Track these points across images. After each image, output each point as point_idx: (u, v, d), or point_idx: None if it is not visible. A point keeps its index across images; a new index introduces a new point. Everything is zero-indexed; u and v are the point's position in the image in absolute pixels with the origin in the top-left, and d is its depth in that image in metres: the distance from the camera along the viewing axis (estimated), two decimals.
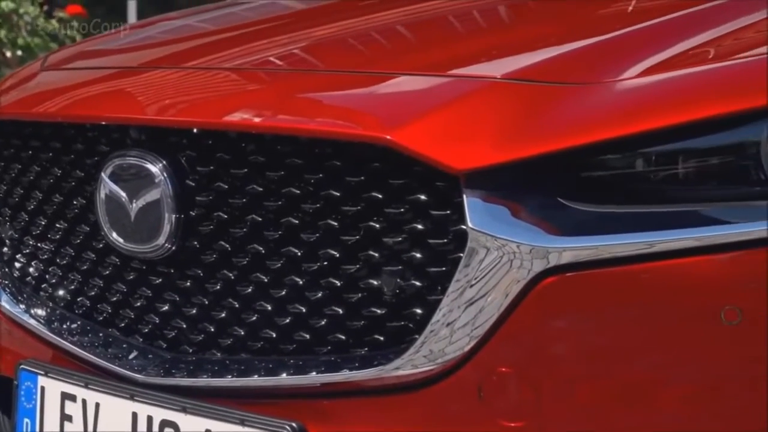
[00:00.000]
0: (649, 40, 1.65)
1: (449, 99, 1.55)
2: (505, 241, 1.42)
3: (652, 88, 1.49)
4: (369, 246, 1.54)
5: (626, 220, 1.43)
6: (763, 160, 1.40)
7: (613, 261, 1.41)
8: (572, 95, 1.49)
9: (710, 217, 1.41)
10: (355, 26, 2.18)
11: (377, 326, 1.55)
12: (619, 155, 1.44)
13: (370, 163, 1.53)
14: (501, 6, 2.21)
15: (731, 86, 1.46)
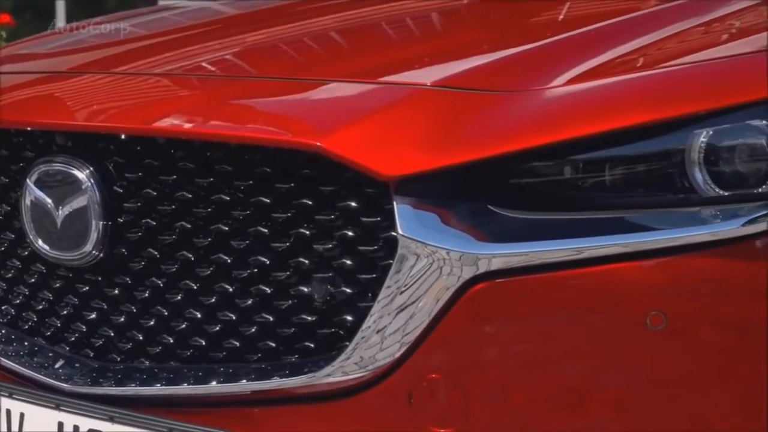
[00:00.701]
0: (577, 48, 1.67)
1: (379, 106, 1.55)
2: (435, 248, 1.43)
3: (580, 96, 1.51)
4: (299, 253, 1.53)
5: (555, 227, 1.44)
6: (688, 167, 1.42)
7: (542, 267, 1.42)
8: (501, 103, 1.50)
9: (637, 224, 1.43)
10: (287, 32, 2.17)
11: (308, 333, 1.54)
12: (548, 162, 1.46)
13: (301, 169, 1.52)
14: (434, 13, 2.22)
15: (656, 94, 1.48)
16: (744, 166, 1.42)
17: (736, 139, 1.42)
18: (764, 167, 1.41)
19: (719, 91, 1.46)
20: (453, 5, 2.33)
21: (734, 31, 1.72)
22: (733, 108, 1.42)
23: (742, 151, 1.42)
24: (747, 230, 1.39)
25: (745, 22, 1.75)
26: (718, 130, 1.42)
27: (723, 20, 1.75)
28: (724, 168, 1.42)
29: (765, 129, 1.41)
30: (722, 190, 1.41)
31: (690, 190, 1.42)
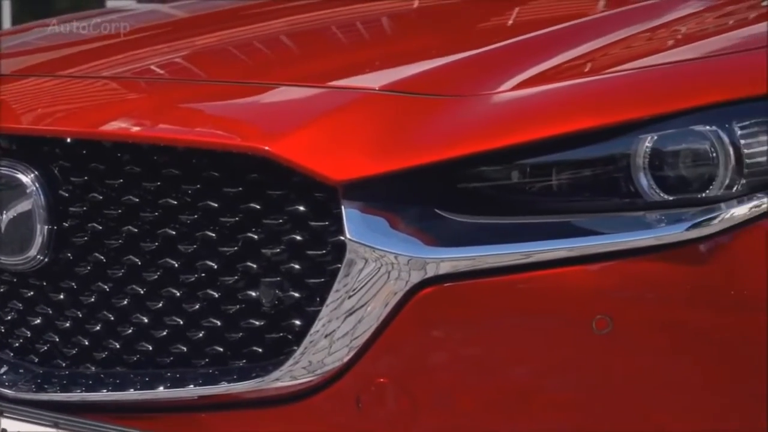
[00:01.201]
0: (525, 53, 1.68)
1: (328, 110, 1.55)
2: (384, 252, 1.43)
3: (527, 100, 1.52)
4: (247, 257, 1.53)
5: (503, 231, 1.45)
6: (633, 172, 1.44)
7: (490, 271, 1.43)
8: (449, 107, 1.51)
9: (583, 228, 1.44)
10: (238, 36, 2.16)
11: (256, 338, 1.54)
12: (495, 167, 1.47)
13: (249, 173, 1.52)
14: (384, 17, 2.23)
15: (602, 99, 1.50)
16: (688, 170, 1.43)
17: (680, 144, 1.43)
18: (708, 172, 1.43)
19: (664, 96, 1.48)
20: (403, 9, 2.33)
21: (679, 37, 1.74)
22: (677, 113, 1.44)
23: (686, 156, 1.43)
24: (691, 234, 1.40)
25: (690, 28, 1.78)
26: (662, 135, 1.43)
27: (668, 26, 1.77)
28: (668, 173, 1.43)
29: (708, 134, 1.43)
30: (667, 195, 1.43)
31: (635, 194, 1.44)
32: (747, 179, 1.43)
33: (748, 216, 1.41)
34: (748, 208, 1.42)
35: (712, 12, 1.82)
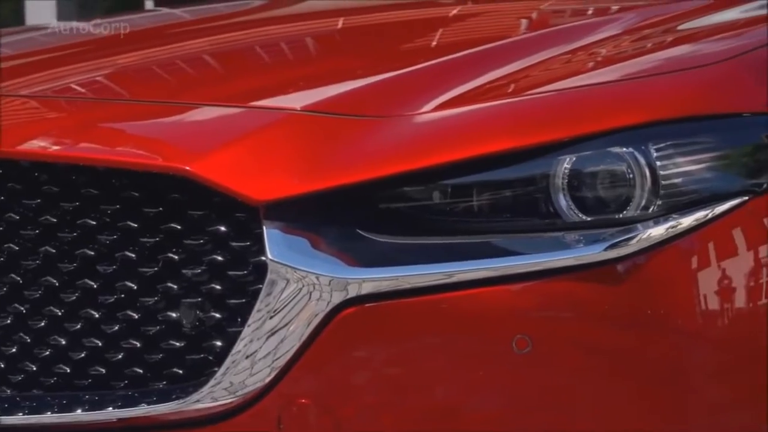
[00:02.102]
0: (447, 74, 1.69)
1: (249, 130, 1.55)
2: (305, 273, 1.43)
3: (448, 122, 1.53)
4: (167, 278, 1.51)
5: (425, 251, 1.46)
6: (552, 193, 1.45)
7: (412, 291, 1.44)
8: (371, 128, 1.52)
9: (504, 248, 1.46)
10: (161, 55, 2.15)
11: (176, 359, 1.52)
12: (417, 187, 1.47)
13: (170, 193, 1.51)
14: (308, 38, 2.23)
15: (522, 121, 1.52)
16: (606, 191, 1.46)
17: (598, 165, 1.46)
18: (625, 193, 1.45)
19: (582, 118, 1.50)
20: (328, 30, 2.34)
21: (598, 60, 1.77)
22: (595, 135, 1.46)
23: (603, 177, 1.46)
24: (609, 254, 1.42)
25: (609, 50, 1.80)
26: (581, 156, 1.46)
27: (587, 49, 1.79)
28: (586, 193, 1.45)
29: (625, 156, 1.45)
30: (585, 215, 1.45)
31: (555, 215, 1.46)
32: (663, 200, 1.45)
33: (665, 236, 1.44)
34: (664, 229, 1.44)
35: (630, 35, 1.85)
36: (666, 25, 1.89)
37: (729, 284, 1.46)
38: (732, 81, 1.55)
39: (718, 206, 1.46)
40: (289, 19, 2.53)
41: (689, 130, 1.48)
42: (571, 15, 2.31)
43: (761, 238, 1.49)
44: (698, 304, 1.45)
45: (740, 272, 1.47)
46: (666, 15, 1.96)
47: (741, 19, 1.90)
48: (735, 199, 1.47)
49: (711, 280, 1.46)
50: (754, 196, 1.48)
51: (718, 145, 1.48)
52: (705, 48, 1.72)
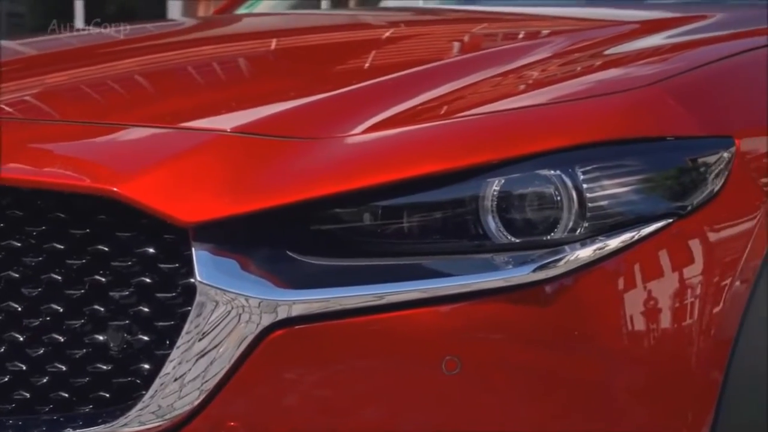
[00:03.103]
0: (379, 96, 1.70)
1: (178, 152, 1.54)
2: (235, 295, 1.42)
3: (379, 143, 1.54)
4: (94, 300, 1.50)
5: (356, 273, 1.46)
6: (481, 215, 1.46)
7: (343, 313, 1.44)
8: (302, 149, 1.52)
9: (434, 270, 1.46)
10: (90, 74, 2.13)
11: (103, 383, 1.50)
12: (347, 209, 1.47)
13: (97, 215, 1.49)
14: (242, 58, 2.23)
15: (452, 143, 1.53)
16: (534, 213, 1.47)
17: (526, 187, 1.47)
18: (553, 215, 1.47)
19: (511, 140, 1.51)
20: (261, 51, 2.34)
21: (528, 83, 1.78)
22: (523, 158, 1.48)
23: (531, 199, 1.47)
24: (537, 276, 1.44)
25: (538, 74, 1.82)
26: (509, 179, 1.47)
27: (518, 72, 1.81)
28: (515, 215, 1.47)
29: (553, 178, 1.47)
30: (514, 237, 1.46)
31: (484, 236, 1.46)
32: (590, 222, 1.47)
33: (592, 258, 1.46)
34: (591, 250, 1.46)
35: (559, 59, 1.88)
36: (594, 49, 1.92)
37: (655, 305, 1.48)
38: (657, 105, 1.58)
39: (644, 228, 1.48)
40: (221, 40, 2.52)
41: (615, 153, 1.50)
42: (503, 38, 2.34)
43: (686, 260, 1.51)
44: (625, 325, 1.47)
45: (666, 293, 1.49)
46: (594, 39, 1.99)
47: (666, 45, 1.93)
48: (660, 221, 1.49)
49: (637, 301, 1.47)
50: (679, 219, 1.50)
51: (644, 168, 1.51)
52: (631, 72, 1.75)
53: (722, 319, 1.51)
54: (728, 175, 1.54)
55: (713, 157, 1.55)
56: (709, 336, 1.50)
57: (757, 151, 1.61)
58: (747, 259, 1.54)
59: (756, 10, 2.39)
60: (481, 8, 2.90)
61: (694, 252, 1.52)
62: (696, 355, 1.50)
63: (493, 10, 2.85)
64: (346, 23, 2.77)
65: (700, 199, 1.52)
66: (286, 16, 3.00)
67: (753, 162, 1.59)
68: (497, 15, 2.67)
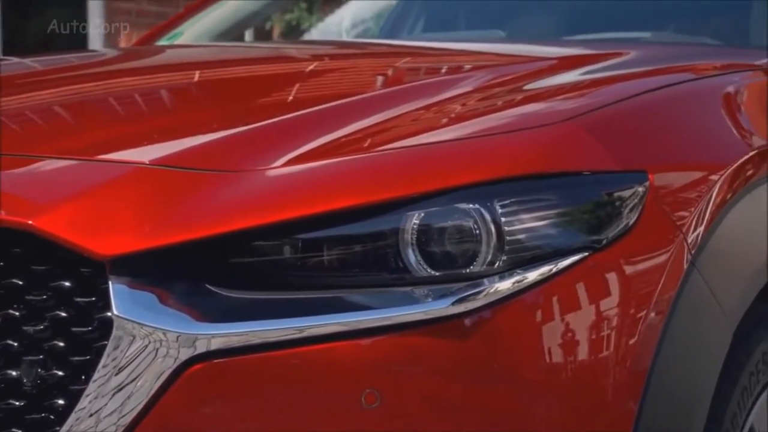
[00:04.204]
0: (301, 128, 1.70)
1: (96, 184, 1.52)
2: (152, 329, 1.41)
3: (300, 176, 1.54)
4: (7, 335, 1.47)
5: (276, 306, 1.45)
6: (401, 248, 1.47)
7: (263, 346, 1.43)
8: (221, 182, 1.51)
9: (355, 303, 1.46)
10: (7, 106, 2.09)
11: (16, 419, 1.47)
12: (267, 242, 1.47)
13: (11, 248, 1.46)
14: (162, 90, 2.21)
15: (372, 177, 1.53)
16: (453, 247, 1.48)
17: (446, 221, 1.48)
18: (472, 248, 1.48)
19: (430, 174, 1.53)
20: (183, 83, 2.33)
21: (449, 117, 1.80)
22: (442, 191, 1.49)
23: (451, 232, 1.48)
24: (456, 309, 1.45)
25: (459, 108, 1.84)
26: (429, 212, 1.48)
27: (439, 105, 1.83)
28: (434, 249, 1.48)
29: (472, 212, 1.48)
30: (434, 270, 1.47)
31: (404, 270, 1.47)
32: (508, 255, 1.48)
33: (510, 291, 1.47)
34: (510, 283, 1.47)
35: (479, 93, 1.90)
36: (513, 84, 1.95)
37: (572, 337, 1.50)
38: (573, 140, 1.60)
39: (561, 261, 1.50)
40: (142, 71, 2.50)
41: (533, 187, 1.52)
42: (424, 73, 2.36)
43: (602, 292, 1.54)
44: (543, 357, 1.48)
45: (583, 325, 1.51)
46: (513, 75, 2.02)
47: (583, 81, 1.97)
48: (577, 254, 1.51)
49: (555, 334, 1.49)
50: (595, 252, 1.53)
51: (561, 202, 1.53)
52: (548, 107, 1.78)
53: (638, 351, 1.54)
54: (642, 209, 1.57)
55: (628, 192, 1.58)
56: (625, 367, 1.53)
57: (670, 186, 1.65)
58: (661, 292, 1.57)
59: (669, 49, 2.46)
60: (404, 43, 2.93)
61: (610, 284, 1.54)
62: (612, 386, 1.52)
63: (415, 44, 2.89)
64: (270, 56, 2.77)
65: (615, 233, 1.55)
66: (209, 48, 3.00)
67: (666, 196, 1.62)
68: (419, 49, 2.70)
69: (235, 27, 3.41)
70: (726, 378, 1.67)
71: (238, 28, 3.49)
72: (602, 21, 2.76)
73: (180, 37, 3.06)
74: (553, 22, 2.85)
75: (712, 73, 2.04)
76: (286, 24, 4.68)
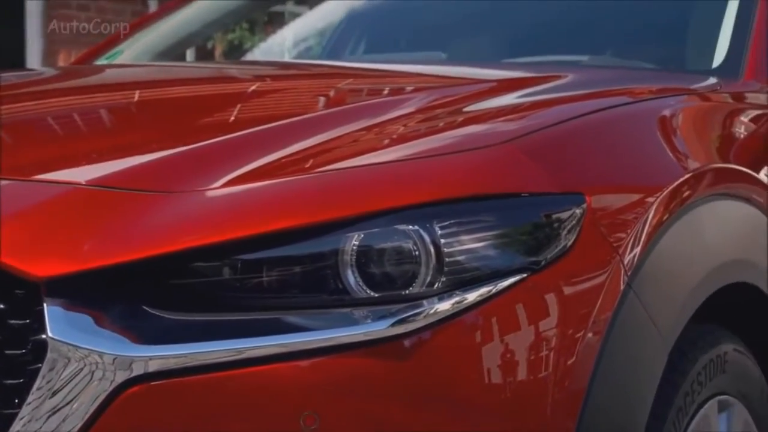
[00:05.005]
0: (241, 149, 1.69)
1: (31, 205, 1.50)
2: (88, 351, 1.40)
3: (239, 197, 1.53)
4: None
5: (214, 328, 1.44)
6: (341, 269, 1.47)
7: (202, 368, 1.42)
8: (160, 203, 1.50)
9: (295, 324, 1.46)
10: None
11: None
12: (206, 263, 1.46)
13: None
14: (102, 110, 2.19)
15: (313, 197, 1.53)
16: (392, 268, 1.48)
17: (385, 242, 1.48)
18: (411, 269, 1.48)
19: (370, 195, 1.53)
20: (122, 102, 2.31)
21: (390, 138, 1.80)
22: (382, 213, 1.49)
23: (390, 254, 1.48)
24: (396, 330, 1.45)
25: (400, 129, 1.84)
26: (369, 233, 1.48)
27: (381, 126, 1.83)
28: (374, 270, 1.48)
29: (411, 233, 1.49)
30: (373, 292, 1.47)
31: (343, 291, 1.47)
32: (447, 277, 1.49)
33: (450, 312, 1.47)
34: (449, 304, 1.48)
35: (421, 114, 1.91)
36: (453, 106, 1.96)
37: (511, 357, 1.51)
38: (512, 162, 1.62)
39: (500, 282, 1.51)
40: (81, 90, 2.48)
41: (472, 208, 1.53)
42: (366, 94, 2.36)
43: (541, 313, 1.55)
44: (482, 378, 1.49)
45: (522, 346, 1.52)
46: (453, 97, 2.03)
47: (521, 103, 1.99)
48: (515, 275, 1.52)
49: (494, 354, 1.50)
50: (533, 273, 1.54)
51: (500, 223, 1.54)
52: (488, 129, 1.79)
53: (575, 370, 1.55)
54: (580, 231, 1.59)
55: (566, 214, 1.59)
56: (563, 386, 1.54)
57: (607, 208, 1.66)
58: (598, 312, 1.58)
59: (607, 72, 2.49)
60: (346, 64, 2.94)
61: (549, 305, 1.55)
62: (551, 405, 1.53)
63: (356, 66, 2.89)
64: (211, 76, 2.76)
65: (553, 254, 1.56)
66: (149, 68, 2.97)
67: (603, 218, 1.64)
68: (361, 71, 2.71)
69: (177, 46, 3.39)
70: (662, 397, 1.69)
71: (179, 47, 3.47)
72: (541, 44, 2.79)
73: (120, 55, 3.03)
74: (493, 45, 2.88)
75: (648, 96, 2.07)
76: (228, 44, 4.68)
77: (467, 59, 2.77)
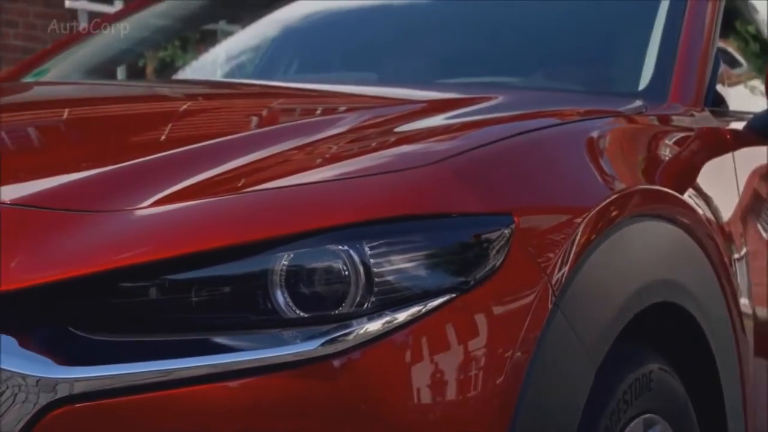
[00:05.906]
0: (169, 168, 1.68)
1: None
2: (11, 373, 1.37)
3: (167, 216, 1.52)
4: None
5: (142, 349, 1.43)
6: (271, 289, 1.47)
7: (129, 390, 1.41)
8: (85, 222, 1.48)
9: (224, 345, 1.45)
10: None
11: None
12: (133, 284, 1.45)
13: None
14: (29, 128, 2.16)
15: (242, 217, 1.53)
16: (322, 288, 1.48)
17: (315, 262, 1.48)
18: (341, 289, 1.48)
19: (300, 216, 1.53)
20: (50, 121, 2.28)
21: (321, 158, 1.81)
22: (311, 233, 1.49)
23: (320, 274, 1.48)
24: (325, 350, 1.45)
25: (332, 149, 1.85)
26: (298, 253, 1.48)
27: (311, 147, 1.83)
28: (304, 290, 1.48)
29: (341, 253, 1.49)
30: (303, 312, 1.47)
31: (273, 311, 1.47)
32: (377, 296, 1.49)
33: (380, 332, 1.48)
34: (379, 324, 1.48)
35: (353, 134, 1.91)
36: (383, 126, 1.96)
37: (441, 377, 1.52)
38: (441, 182, 1.63)
39: (430, 302, 1.52)
40: (8, 108, 2.44)
41: (402, 229, 1.54)
42: (298, 114, 2.36)
43: (470, 333, 1.56)
44: (412, 397, 1.49)
45: (452, 365, 1.53)
46: (384, 117, 2.04)
47: (452, 124, 2.00)
48: (445, 295, 1.53)
49: (424, 374, 1.50)
50: (463, 293, 1.55)
51: (429, 243, 1.55)
52: (417, 150, 1.80)
53: (504, 389, 1.56)
54: (508, 251, 1.60)
55: (495, 234, 1.60)
56: (492, 405, 1.55)
57: (535, 228, 1.68)
58: (526, 331, 1.60)
59: (536, 94, 2.52)
60: (277, 83, 2.94)
61: (478, 325, 1.56)
62: (480, 423, 1.54)
63: (288, 85, 2.89)
64: (142, 94, 2.73)
65: (482, 274, 1.57)
66: (79, 86, 2.94)
67: (531, 238, 1.66)
68: (293, 90, 2.71)
69: (107, 64, 3.35)
70: (589, 416, 1.70)
71: (109, 64, 3.44)
72: (472, 66, 2.82)
73: (47, 73, 2.99)
74: (425, 66, 2.90)
75: (576, 118, 2.09)
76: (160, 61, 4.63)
77: (399, 80, 2.78)
